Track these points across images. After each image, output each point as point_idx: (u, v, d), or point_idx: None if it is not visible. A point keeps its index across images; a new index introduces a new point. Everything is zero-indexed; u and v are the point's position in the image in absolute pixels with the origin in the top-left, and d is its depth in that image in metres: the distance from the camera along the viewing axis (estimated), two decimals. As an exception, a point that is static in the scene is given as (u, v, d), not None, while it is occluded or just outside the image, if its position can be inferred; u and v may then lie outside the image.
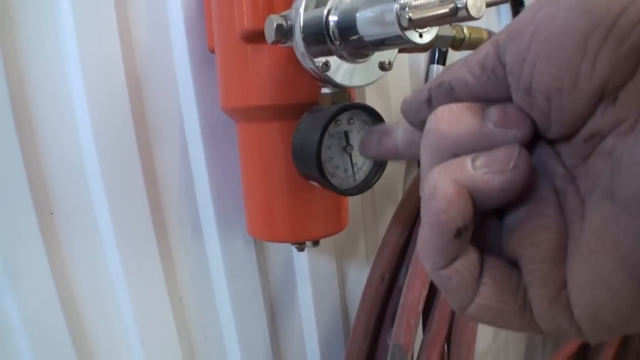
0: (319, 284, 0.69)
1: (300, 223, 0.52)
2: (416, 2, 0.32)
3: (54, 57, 0.49)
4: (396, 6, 0.33)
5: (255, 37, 0.45)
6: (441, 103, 0.25)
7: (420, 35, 0.35)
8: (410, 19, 0.29)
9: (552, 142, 0.24)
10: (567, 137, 0.23)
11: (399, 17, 0.32)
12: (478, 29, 0.58)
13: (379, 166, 0.47)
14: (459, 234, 0.22)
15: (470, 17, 0.29)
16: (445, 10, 0.30)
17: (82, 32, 0.49)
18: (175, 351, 0.59)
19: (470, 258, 0.23)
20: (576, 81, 0.20)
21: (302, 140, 0.44)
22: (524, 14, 0.22)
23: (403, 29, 0.33)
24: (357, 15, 0.37)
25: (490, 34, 0.59)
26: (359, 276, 0.73)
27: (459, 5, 0.29)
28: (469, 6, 0.30)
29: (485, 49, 0.24)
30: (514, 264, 0.24)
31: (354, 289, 0.74)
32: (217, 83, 0.53)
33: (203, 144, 0.58)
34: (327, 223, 0.53)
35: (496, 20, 0.90)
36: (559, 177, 0.23)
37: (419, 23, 0.30)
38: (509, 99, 0.24)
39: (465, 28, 0.56)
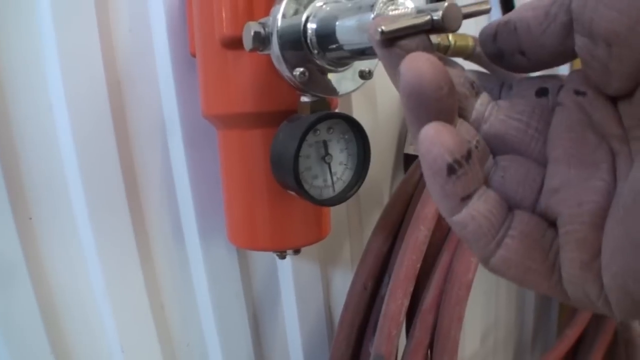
0: (302, 290, 0.67)
1: (280, 232, 0.51)
2: (392, 13, 0.31)
3: (33, 59, 0.48)
4: (372, 16, 0.32)
5: (235, 43, 0.44)
6: (505, 41, 0.25)
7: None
8: (382, 32, 0.28)
9: (613, 100, 0.23)
10: (628, 94, 0.22)
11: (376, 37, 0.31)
12: (464, 36, 0.56)
13: (358, 176, 0.46)
14: (452, 170, 0.22)
15: (446, 30, 0.28)
16: (420, 22, 0.29)
17: (62, 35, 0.48)
18: (156, 358, 0.58)
19: (488, 205, 0.23)
20: (635, 25, 0.19)
21: (279, 150, 0.43)
22: None
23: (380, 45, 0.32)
24: (336, 24, 0.35)
25: (476, 40, 0.58)
26: (344, 282, 0.72)
27: (435, 18, 0.28)
28: (445, 19, 0.29)
29: None
30: (550, 223, 0.23)
31: (338, 295, 0.73)
32: (198, 89, 0.52)
33: (185, 149, 0.57)
34: (308, 232, 0.52)
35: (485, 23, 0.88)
36: (617, 139, 0.22)
37: (394, 34, 0.28)
38: (566, 50, 0.23)
39: (451, 35, 0.55)
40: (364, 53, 0.36)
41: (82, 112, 0.50)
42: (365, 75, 0.43)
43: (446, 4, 0.29)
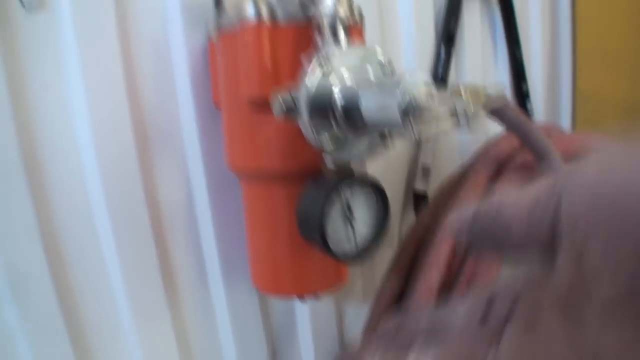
0: (318, 326, 0.70)
1: (302, 280, 0.53)
2: (420, 101, 0.33)
3: (62, 109, 0.50)
4: (400, 101, 0.34)
5: (262, 104, 0.46)
6: (480, 238, 0.26)
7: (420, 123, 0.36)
8: (413, 127, 0.30)
9: None
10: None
11: (403, 118, 0.33)
12: (476, 88, 0.59)
13: (378, 234, 0.48)
14: None
15: (469, 128, 0.30)
16: (448, 123, 0.31)
17: (90, 86, 0.50)
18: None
19: None
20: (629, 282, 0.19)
21: (307, 211, 0.45)
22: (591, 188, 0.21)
23: (406, 126, 0.34)
24: (363, 103, 0.38)
25: (487, 93, 0.60)
26: (357, 312, 0.74)
27: (462, 121, 0.30)
28: (470, 119, 0.31)
29: (542, 194, 0.23)
30: None
31: (351, 325, 0.75)
32: (222, 138, 0.54)
33: (208, 196, 0.59)
34: (328, 279, 0.54)
35: (492, 56, 0.91)
36: None
37: (423, 130, 0.31)
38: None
39: (463, 88, 0.57)
40: (388, 131, 0.39)
41: (110, 160, 0.52)
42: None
43: (471, 103, 0.32)
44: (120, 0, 0.52)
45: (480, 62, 0.86)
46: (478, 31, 0.85)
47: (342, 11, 0.43)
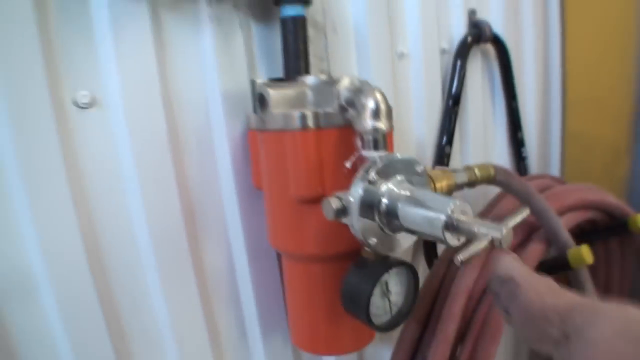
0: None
1: (337, 342, 0.60)
2: (461, 219, 0.40)
3: (118, 191, 0.55)
4: (444, 219, 0.41)
5: (308, 200, 0.53)
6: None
7: (457, 239, 0.43)
8: (461, 261, 0.37)
9: None
10: None
11: (444, 235, 0.40)
12: (485, 166, 0.66)
13: (410, 304, 0.55)
14: None
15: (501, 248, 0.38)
16: (484, 246, 0.38)
17: (141, 171, 0.56)
18: None
19: None
20: None
21: (352, 292, 0.52)
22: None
23: (445, 238, 0.41)
24: (409, 215, 0.45)
25: (496, 169, 0.67)
26: (374, 353, 0.81)
27: (496, 238, 0.37)
28: (504, 242, 0.38)
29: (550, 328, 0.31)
30: None
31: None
32: (260, 215, 0.61)
33: (248, 263, 0.65)
34: (360, 342, 0.61)
35: (491, 109, 0.98)
36: None
37: (467, 259, 0.38)
38: None
39: (477, 169, 0.64)
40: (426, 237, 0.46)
41: (162, 237, 0.58)
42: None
43: (505, 230, 0.39)
44: (167, 93, 0.57)
45: (482, 117, 0.93)
46: (479, 88, 0.92)
47: (382, 124, 0.49)
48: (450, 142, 0.86)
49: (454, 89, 0.85)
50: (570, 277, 0.74)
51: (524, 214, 0.44)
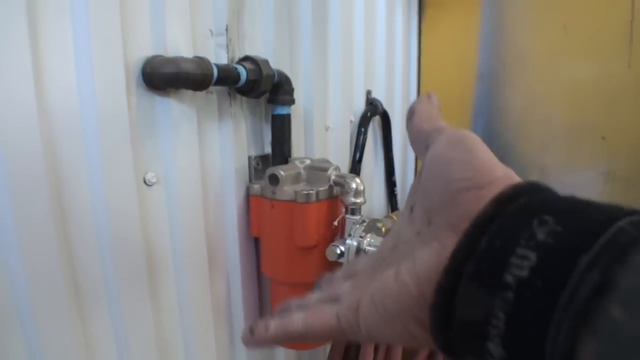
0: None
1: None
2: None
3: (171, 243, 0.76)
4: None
5: (307, 247, 0.80)
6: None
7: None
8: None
9: None
10: None
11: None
12: (397, 214, 0.99)
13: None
14: None
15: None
16: None
17: (182, 226, 0.77)
18: None
19: None
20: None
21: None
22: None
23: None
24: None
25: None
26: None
27: None
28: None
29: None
30: None
31: None
32: (252, 254, 0.87)
33: (242, 291, 0.89)
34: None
35: (374, 158, 1.33)
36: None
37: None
38: None
39: (394, 216, 0.97)
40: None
41: (193, 266, 0.79)
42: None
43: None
44: (204, 170, 0.79)
45: (372, 163, 1.28)
46: (371, 148, 1.27)
47: (360, 200, 0.79)
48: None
49: (359, 150, 1.18)
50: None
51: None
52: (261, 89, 0.79)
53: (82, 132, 0.61)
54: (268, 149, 0.90)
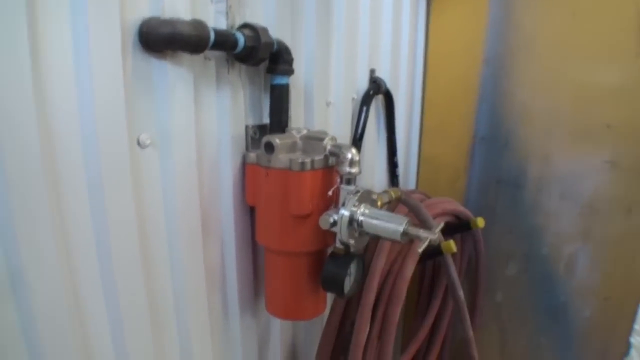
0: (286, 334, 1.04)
1: (303, 311, 0.88)
2: (410, 229, 0.72)
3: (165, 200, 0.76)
4: (402, 229, 0.72)
5: (302, 216, 0.80)
6: None
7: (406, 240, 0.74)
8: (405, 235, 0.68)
9: None
10: None
11: (400, 237, 0.71)
12: (395, 190, 0.99)
13: (360, 276, 0.85)
14: None
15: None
16: (427, 242, 0.70)
17: (172, 192, 0.76)
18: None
19: None
20: None
21: (331, 277, 0.80)
22: None
23: (400, 239, 0.72)
24: (378, 226, 0.75)
25: (401, 191, 1.00)
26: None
27: (433, 240, 0.69)
28: (436, 241, 0.70)
29: None
30: None
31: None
32: (247, 223, 0.87)
33: (235, 256, 0.89)
34: (317, 310, 0.90)
35: (376, 140, 1.32)
36: None
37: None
38: None
39: (392, 192, 0.97)
40: (385, 239, 0.76)
41: (185, 235, 0.79)
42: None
43: (436, 234, 0.71)
44: (200, 135, 0.79)
45: (373, 147, 1.27)
46: (373, 127, 1.26)
47: (355, 169, 0.79)
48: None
49: (360, 128, 1.17)
50: (441, 260, 1.11)
51: (442, 225, 0.76)
52: (259, 56, 0.78)
53: (76, 91, 0.61)
54: (267, 120, 0.90)
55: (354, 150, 0.79)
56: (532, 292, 1.51)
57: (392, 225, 0.74)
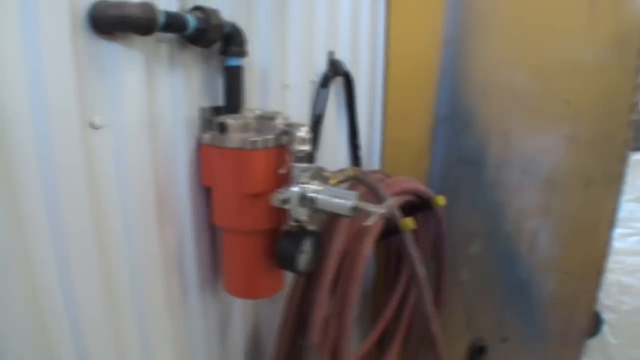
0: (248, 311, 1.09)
1: (261, 289, 0.94)
2: (359, 203, 0.77)
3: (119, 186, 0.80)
4: (352, 204, 0.77)
5: (256, 194, 0.84)
6: None
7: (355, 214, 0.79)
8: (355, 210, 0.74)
9: None
10: None
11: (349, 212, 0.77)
12: (352, 168, 1.04)
13: (315, 253, 0.90)
14: None
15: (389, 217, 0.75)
16: (377, 216, 0.75)
17: (127, 179, 0.81)
18: None
19: None
20: None
21: (285, 253, 0.86)
22: None
23: (350, 214, 0.78)
24: (327, 202, 0.80)
25: (357, 169, 1.06)
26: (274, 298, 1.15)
27: (384, 213, 0.75)
28: (386, 215, 0.76)
29: None
30: None
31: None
32: (204, 203, 0.91)
33: (193, 236, 0.94)
34: (275, 289, 0.96)
35: (337, 122, 1.37)
36: None
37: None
38: None
39: (349, 170, 1.02)
40: (335, 214, 0.81)
41: (141, 219, 0.84)
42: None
43: (387, 208, 0.76)
44: (153, 117, 0.83)
45: (333, 128, 1.32)
46: (333, 108, 1.31)
47: (307, 147, 0.84)
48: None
49: (318, 109, 1.22)
50: (400, 238, 1.17)
51: (394, 199, 0.82)
52: (210, 38, 0.83)
53: (26, 74, 0.65)
54: (222, 101, 0.94)
55: (305, 129, 0.84)
56: (496, 269, 1.59)
57: (342, 200, 0.79)
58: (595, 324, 2.66)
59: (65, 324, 0.74)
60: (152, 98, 0.82)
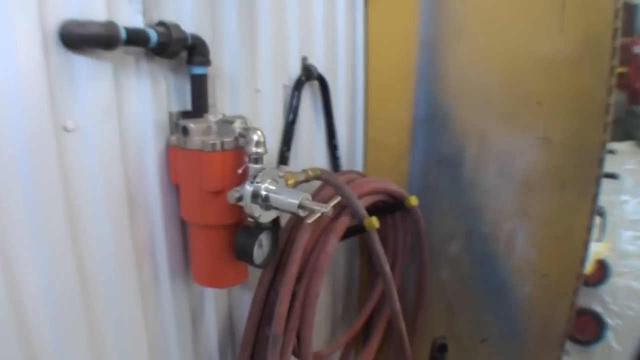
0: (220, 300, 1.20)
1: (226, 279, 1.04)
2: (305, 202, 0.87)
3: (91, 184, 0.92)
4: (297, 203, 0.87)
5: (216, 192, 0.95)
6: None
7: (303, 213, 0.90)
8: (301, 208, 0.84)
9: None
10: None
11: (298, 209, 0.87)
12: (314, 169, 1.14)
13: (273, 250, 1.01)
14: None
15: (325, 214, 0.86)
16: (318, 215, 0.86)
17: (106, 177, 0.93)
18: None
19: None
20: None
21: (242, 247, 0.97)
22: None
23: (298, 212, 0.88)
24: (279, 200, 0.90)
25: (320, 170, 1.16)
26: (243, 289, 1.26)
27: (327, 214, 0.85)
28: (328, 214, 0.86)
29: None
30: None
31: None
32: (173, 200, 1.02)
33: (164, 229, 1.05)
34: (239, 279, 1.06)
35: (315, 124, 1.47)
36: None
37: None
38: None
39: (310, 170, 1.12)
40: (287, 212, 0.92)
41: (114, 207, 0.95)
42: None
43: (329, 208, 0.87)
44: (122, 122, 0.95)
45: (309, 130, 1.43)
46: (309, 110, 1.42)
47: (261, 150, 0.94)
48: (288, 148, 1.33)
49: (291, 113, 1.33)
50: (365, 237, 1.26)
51: (337, 199, 0.92)
52: (172, 50, 0.94)
53: (3, 84, 0.77)
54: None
55: (259, 132, 0.95)
56: (475, 270, 1.67)
57: (290, 199, 0.90)
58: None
59: (43, 311, 0.86)
60: (121, 103, 0.94)
